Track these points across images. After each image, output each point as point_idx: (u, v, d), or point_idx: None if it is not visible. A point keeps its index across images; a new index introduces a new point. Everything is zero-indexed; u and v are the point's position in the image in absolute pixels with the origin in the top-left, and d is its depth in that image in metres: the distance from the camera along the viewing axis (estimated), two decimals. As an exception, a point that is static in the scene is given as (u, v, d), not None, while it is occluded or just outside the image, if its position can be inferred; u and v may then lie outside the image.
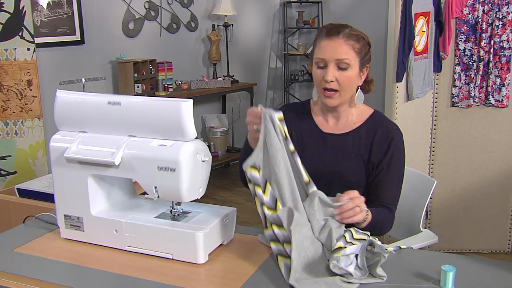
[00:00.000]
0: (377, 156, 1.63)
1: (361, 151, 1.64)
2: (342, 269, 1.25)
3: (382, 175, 1.62)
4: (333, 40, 1.56)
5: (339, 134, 1.68)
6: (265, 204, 1.38)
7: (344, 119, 1.69)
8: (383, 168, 1.62)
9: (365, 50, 1.61)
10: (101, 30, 4.05)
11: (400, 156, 1.65)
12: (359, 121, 1.68)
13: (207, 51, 4.93)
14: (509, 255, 3.18)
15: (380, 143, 1.63)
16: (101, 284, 1.29)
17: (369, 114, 1.69)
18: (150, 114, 1.39)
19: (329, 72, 1.55)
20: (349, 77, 1.57)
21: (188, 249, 1.36)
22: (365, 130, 1.66)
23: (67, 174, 1.49)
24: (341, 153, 1.65)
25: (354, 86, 1.62)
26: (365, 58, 1.61)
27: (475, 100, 3.01)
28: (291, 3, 5.37)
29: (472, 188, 3.14)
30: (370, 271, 1.28)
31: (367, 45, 1.62)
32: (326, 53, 1.56)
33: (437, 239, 1.79)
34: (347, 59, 1.55)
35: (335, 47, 1.55)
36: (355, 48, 1.57)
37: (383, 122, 1.67)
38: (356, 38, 1.58)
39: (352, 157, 1.65)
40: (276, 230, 1.36)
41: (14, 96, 3.22)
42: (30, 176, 3.16)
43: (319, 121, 1.72)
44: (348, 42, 1.56)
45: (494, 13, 2.88)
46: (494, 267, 1.34)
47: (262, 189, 1.39)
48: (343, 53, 1.55)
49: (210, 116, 5.01)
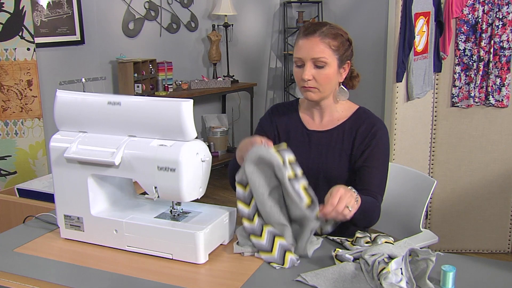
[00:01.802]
0: (360, 148, 1.64)
1: (344, 146, 1.66)
2: (395, 285, 1.19)
3: (368, 166, 1.62)
4: (309, 39, 1.59)
5: (324, 131, 1.70)
6: (245, 216, 1.44)
7: (329, 116, 1.71)
8: (368, 160, 1.62)
9: (344, 47, 1.62)
10: (101, 30, 4.05)
11: (383, 147, 1.65)
12: (344, 117, 1.70)
13: (207, 51, 4.93)
14: (509, 255, 3.18)
15: (362, 135, 1.65)
16: (101, 284, 1.29)
17: (354, 110, 1.71)
18: (150, 114, 1.39)
19: (305, 71, 1.59)
20: (326, 75, 1.59)
21: (188, 249, 1.36)
22: (349, 126, 1.68)
23: (67, 174, 1.49)
24: (325, 149, 1.67)
25: (333, 83, 1.63)
26: (344, 54, 1.62)
27: (475, 100, 3.01)
28: (291, 3, 5.37)
29: (472, 188, 3.14)
30: (417, 283, 1.22)
31: (346, 41, 1.63)
32: (302, 52, 1.59)
33: (437, 239, 1.79)
34: (323, 57, 1.57)
35: (310, 46, 1.58)
36: (331, 45, 1.58)
37: (367, 117, 1.68)
38: (333, 36, 1.59)
39: (335, 153, 1.66)
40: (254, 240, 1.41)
41: (14, 96, 3.22)
42: (30, 176, 3.16)
43: (305, 118, 1.75)
44: (324, 40, 1.58)
45: (494, 13, 2.88)
46: (494, 267, 1.34)
47: (246, 204, 1.46)
48: (319, 51, 1.57)
49: (210, 116, 5.01)
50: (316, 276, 1.27)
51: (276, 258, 1.36)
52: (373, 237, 1.47)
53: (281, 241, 1.40)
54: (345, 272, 1.28)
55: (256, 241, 1.40)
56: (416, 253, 1.26)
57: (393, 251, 1.28)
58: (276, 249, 1.38)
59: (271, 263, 1.35)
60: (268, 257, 1.37)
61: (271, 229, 1.43)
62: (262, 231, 1.42)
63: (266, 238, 1.40)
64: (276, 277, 1.30)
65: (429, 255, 1.23)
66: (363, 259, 1.29)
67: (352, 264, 1.30)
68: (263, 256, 1.38)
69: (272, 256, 1.37)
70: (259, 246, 1.40)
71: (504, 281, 1.27)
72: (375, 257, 1.27)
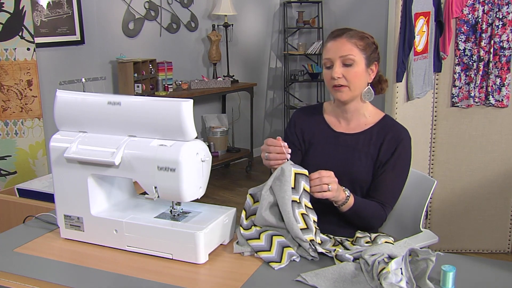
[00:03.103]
0: (385, 156, 1.67)
1: (370, 150, 1.69)
2: (395, 285, 1.19)
3: (385, 174, 1.66)
4: (336, 40, 1.65)
5: (351, 133, 1.73)
6: (243, 226, 1.47)
7: (356, 121, 1.74)
8: (388, 168, 1.66)
9: (371, 49, 1.67)
10: (101, 30, 4.05)
11: (406, 158, 1.69)
12: (371, 122, 1.73)
13: (207, 51, 4.93)
14: (509, 255, 3.18)
15: (389, 144, 1.68)
16: (101, 284, 1.29)
17: (380, 117, 1.75)
18: (150, 114, 1.39)
19: (335, 69, 1.63)
20: (355, 72, 1.63)
21: (188, 249, 1.36)
22: (376, 131, 1.71)
23: (67, 174, 1.49)
24: (351, 151, 1.70)
25: (362, 82, 1.67)
26: (371, 55, 1.67)
27: (475, 100, 3.01)
28: (291, 3, 5.37)
29: (472, 188, 3.14)
30: (417, 283, 1.21)
31: (372, 44, 1.68)
32: (331, 53, 1.65)
33: (437, 239, 1.79)
34: (350, 54, 1.62)
35: (338, 46, 1.64)
36: (358, 45, 1.64)
37: (394, 125, 1.73)
38: (359, 37, 1.65)
39: (362, 156, 1.69)
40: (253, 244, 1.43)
41: (14, 96, 3.22)
42: (30, 176, 3.16)
43: (331, 121, 1.78)
44: (351, 40, 1.64)
45: (494, 13, 2.88)
46: (494, 267, 1.34)
47: (246, 216, 1.50)
48: (346, 50, 1.63)
49: (210, 116, 5.01)
50: (316, 276, 1.27)
51: (274, 256, 1.36)
52: (373, 237, 1.47)
53: (280, 239, 1.40)
54: (345, 272, 1.28)
55: (254, 244, 1.41)
56: (416, 253, 1.26)
57: (393, 251, 1.28)
58: (275, 247, 1.38)
59: (270, 263, 1.35)
60: (267, 255, 1.37)
61: (269, 232, 1.43)
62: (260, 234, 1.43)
63: (264, 239, 1.41)
64: (276, 277, 1.30)
65: (429, 255, 1.23)
66: (363, 259, 1.29)
67: (352, 264, 1.30)
68: (262, 255, 1.38)
69: (270, 254, 1.37)
70: (258, 247, 1.40)
71: (504, 281, 1.27)
72: (375, 257, 1.27)
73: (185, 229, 1.38)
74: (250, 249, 1.42)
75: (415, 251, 1.26)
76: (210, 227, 1.40)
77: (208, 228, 1.38)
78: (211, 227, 1.40)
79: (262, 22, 5.43)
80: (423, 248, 1.26)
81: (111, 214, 1.49)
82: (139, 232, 1.43)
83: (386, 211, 1.66)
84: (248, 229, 1.46)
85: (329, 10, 5.25)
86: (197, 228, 1.38)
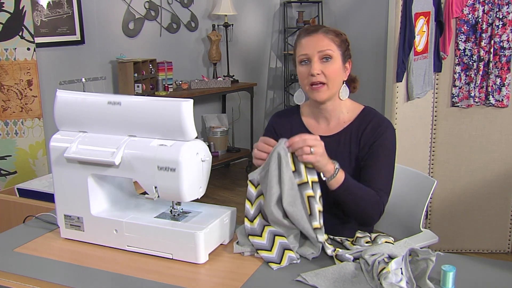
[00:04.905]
0: (364, 148, 1.63)
1: (352, 149, 1.65)
2: (395, 285, 1.19)
3: (370, 162, 1.61)
4: (312, 35, 1.61)
5: (331, 135, 1.68)
6: (249, 218, 1.44)
7: (335, 119, 1.69)
8: (370, 156, 1.61)
9: (345, 45, 1.65)
10: (101, 30, 4.05)
11: (389, 146, 1.64)
12: (350, 118, 1.68)
13: (207, 51, 4.93)
14: (509, 255, 3.18)
15: (368, 135, 1.64)
16: (101, 284, 1.29)
17: (360, 110, 1.70)
18: (150, 114, 1.39)
19: (314, 65, 1.59)
20: (334, 69, 1.60)
21: (188, 249, 1.36)
22: (355, 127, 1.66)
23: (67, 174, 1.49)
24: (334, 155, 1.57)
25: (340, 79, 1.64)
26: (346, 52, 1.65)
27: (475, 100, 3.02)
28: (291, 3, 5.37)
29: (472, 188, 3.14)
30: (417, 283, 1.21)
31: (346, 41, 1.66)
32: (308, 48, 1.60)
33: (437, 239, 1.79)
34: (329, 49, 1.59)
35: (316, 40, 1.60)
36: (334, 41, 1.61)
37: (373, 116, 1.67)
38: (335, 33, 1.63)
39: (345, 157, 1.65)
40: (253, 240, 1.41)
41: (14, 96, 3.22)
42: (30, 176, 3.16)
43: (310, 124, 1.73)
44: (328, 36, 1.61)
45: (494, 13, 2.88)
46: (494, 267, 1.34)
47: (251, 204, 1.46)
48: (325, 45, 1.59)
49: (210, 116, 5.01)
50: (316, 276, 1.27)
51: (274, 257, 1.36)
52: (373, 237, 1.47)
53: (282, 240, 1.40)
54: (345, 272, 1.28)
55: (255, 241, 1.40)
56: (416, 253, 1.25)
57: (393, 251, 1.28)
58: (276, 248, 1.38)
59: (269, 263, 1.35)
60: (267, 255, 1.37)
61: (273, 229, 1.43)
62: (263, 231, 1.42)
63: (266, 238, 1.40)
64: (276, 277, 1.30)
65: (429, 255, 1.22)
66: (363, 259, 1.29)
67: (352, 264, 1.30)
68: (262, 255, 1.37)
69: (271, 254, 1.37)
70: (259, 245, 1.39)
71: (504, 281, 1.27)
72: (375, 257, 1.27)
73: (185, 229, 1.38)
74: (250, 249, 1.42)
75: (415, 251, 1.26)
76: (210, 227, 1.40)
77: (208, 228, 1.38)
78: (211, 227, 1.40)
79: (262, 22, 5.43)
80: (423, 248, 1.26)
81: (111, 214, 1.49)
82: (139, 232, 1.43)
83: (381, 197, 1.58)
84: (253, 220, 1.43)
85: (329, 10, 5.25)
86: (197, 228, 1.38)
